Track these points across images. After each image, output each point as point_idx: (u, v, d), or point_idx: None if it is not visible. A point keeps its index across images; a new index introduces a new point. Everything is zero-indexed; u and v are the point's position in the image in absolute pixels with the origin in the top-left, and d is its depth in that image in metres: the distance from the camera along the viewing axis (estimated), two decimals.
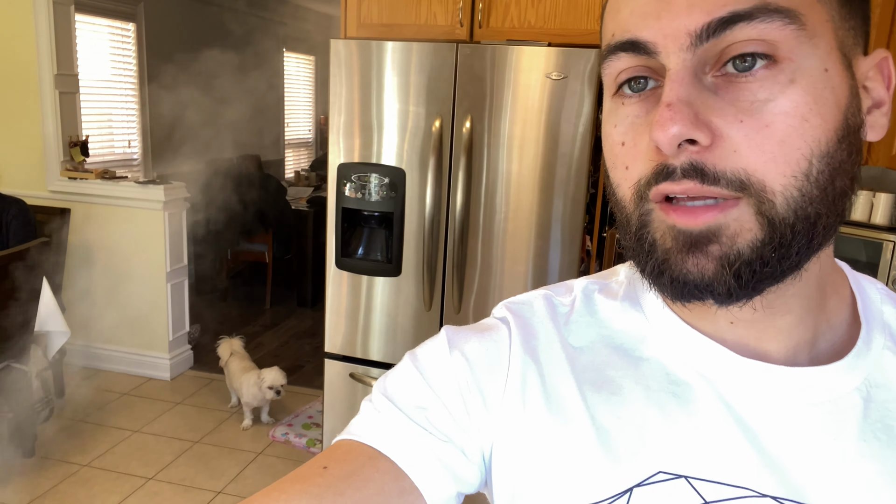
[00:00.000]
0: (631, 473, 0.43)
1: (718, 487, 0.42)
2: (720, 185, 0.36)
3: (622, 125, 0.41)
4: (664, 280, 0.39)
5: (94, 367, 3.55)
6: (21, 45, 3.30)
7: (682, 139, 0.36)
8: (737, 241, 0.37)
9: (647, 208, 0.39)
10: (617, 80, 0.41)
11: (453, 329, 0.51)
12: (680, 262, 0.38)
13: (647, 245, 0.40)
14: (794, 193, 0.36)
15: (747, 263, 0.37)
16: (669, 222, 0.38)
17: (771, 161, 0.36)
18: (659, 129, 0.36)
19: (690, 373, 0.45)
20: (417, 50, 1.99)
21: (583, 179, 1.94)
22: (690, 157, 0.37)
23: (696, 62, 0.37)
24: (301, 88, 6.71)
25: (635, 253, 0.41)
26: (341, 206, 2.13)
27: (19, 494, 2.46)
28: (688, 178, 0.37)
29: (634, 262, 0.42)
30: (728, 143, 0.36)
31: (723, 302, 0.39)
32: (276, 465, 2.76)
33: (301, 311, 4.69)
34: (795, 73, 0.36)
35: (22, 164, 3.42)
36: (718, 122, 0.36)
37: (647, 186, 0.39)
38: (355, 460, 0.45)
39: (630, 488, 0.43)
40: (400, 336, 2.18)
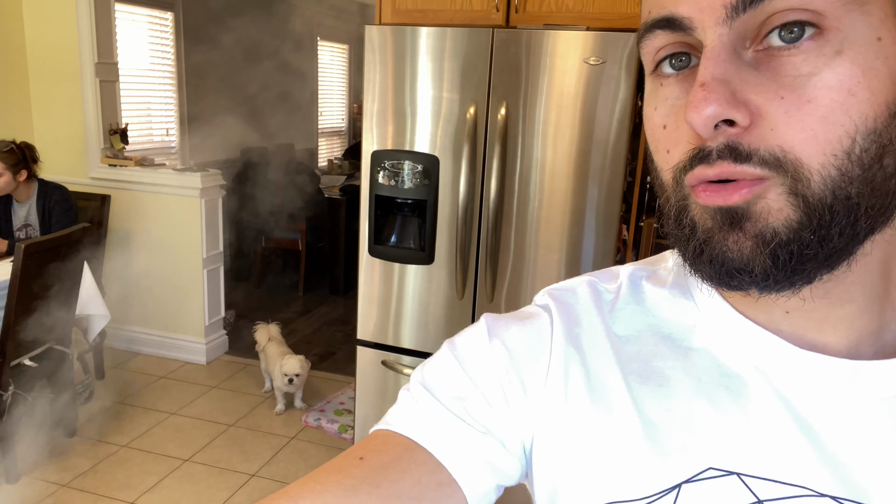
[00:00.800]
0: (679, 469, 0.41)
1: (773, 485, 0.40)
2: (752, 162, 0.34)
3: (662, 107, 0.39)
4: (703, 260, 0.38)
5: (133, 350, 3.64)
6: (63, 34, 3.37)
7: (717, 120, 0.34)
8: (770, 220, 0.35)
9: (685, 192, 0.38)
10: (655, 58, 0.39)
11: (493, 317, 0.50)
12: (721, 241, 0.36)
13: (688, 228, 0.38)
14: (833, 173, 0.34)
15: (784, 244, 0.35)
16: (704, 202, 0.37)
17: (811, 138, 0.34)
18: (693, 110, 0.34)
19: (744, 365, 0.43)
20: (452, 35, 1.96)
21: (620, 167, 1.90)
22: (728, 138, 0.35)
23: (735, 36, 0.35)
24: (335, 77, 6.73)
25: (676, 238, 0.40)
26: (374, 194, 2.12)
27: (61, 473, 2.53)
28: (722, 160, 0.35)
29: (676, 247, 0.40)
30: (767, 122, 0.34)
31: (763, 287, 0.37)
32: (309, 450, 2.80)
33: (333, 299, 4.73)
34: (843, 43, 0.33)
35: (64, 151, 3.50)
36: (758, 100, 0.34)
37: (684, 171, 0.37)
38: (392, 451, 0.44)
39: (678, 484, 0.41)
40: (432, 324, 2.18)
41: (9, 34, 3.38)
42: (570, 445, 0.45)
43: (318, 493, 0.41)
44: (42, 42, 3.44)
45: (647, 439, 0.43)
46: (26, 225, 2.85)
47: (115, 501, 2.38)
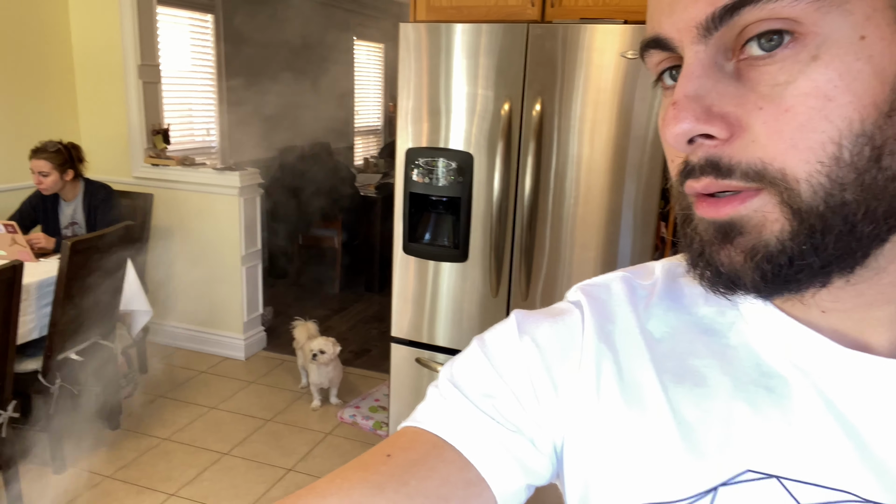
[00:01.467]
0: (716, 471, 0.40)
1: (815, 490, 0.38)
2: (734, 177, 0.35)
3: None
4: (701, 270, 0.38)
5: (175, 345, 3.72)
6: (107, 37, 3.47)
7: (688, 136, 0.35)
8: (763, 233, 0.35)
9: (688, 202, 0.38)
10: (656, 70, 0.40)
11: (523, 313, 0.49)
12: (714, 254, 0.37)
13: (689, 237, 0.39)
14: (822, 180, 0.33)
15: (773, 257, 0.35)
16: (700, 214, 0.37)
17: (791, 148, 0.33)
18: (664, 127, 0.35)
19: (785, 364, 0.41)
20: (487, 31, 1.95)
21: (658, 163, 1.86)
22: (707, 153, 0.35)
23: (714, 51, 0.35)
24: (370, 76, 6.78)
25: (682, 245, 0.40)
26: (409, 191, 2.13)
27: (106, 464, 2.61)
28: (705, 175, 0.35)
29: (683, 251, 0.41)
30: (748, 134, 0.34)
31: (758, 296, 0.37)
32: (344, 446, 2.82)
33: (369, 296, 4.76)
34: (820, 47, 0.32)
35: (109, 151, 3.61)
36: (738, 112, 0.34)
37: (680, 183, 0.38)
38: (419, 448, 0.44)
39: (715, 487, 0.39)
40: (466, 322, 2.17)
41: (56, 39, 3.49)
42: (603, 445, 0.44)
43: (345, 490, 0.41)
44: (88, 46, 3.54)
45: (682, 440, 0.41)
46: (73, 223, 2.94)
47: (157, 493, 2.44)
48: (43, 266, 2.53)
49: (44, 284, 2.41)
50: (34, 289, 2.37)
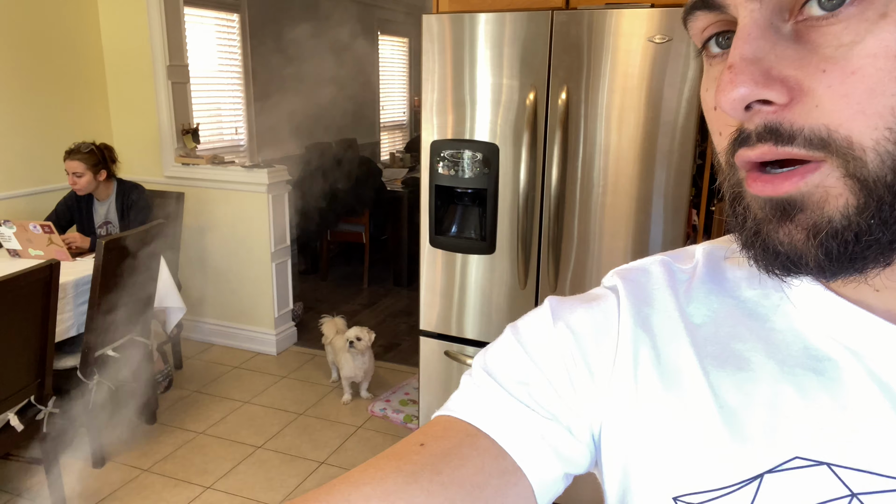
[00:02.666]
0: (761, 458, 0.38)
1: (869, 477, 0.36)
2: (796, 144, 0.32)
3: (712, 88, 0.37)
4: (756, 251, 0.36)
5: (208, 341, 3.79)
6: (136, 39, 3.53)
7: (746, 102, 0.32)
8: (826, 209, 0.32)
9: (738, 177, 0.36)
10: (702, 38, 0.38)
11: (557, 299, 0.48)
12: (772, 232, 0.35)
13: (741, 216, 0.37)
14: (890, 148, 0.31)
15: (835, 235, 0.32)
16: (755, 192, 0.35)
17: (859, 113, 0.31)
18: (720, 93, 0.32)
19: (835, 346, 0.39)
20: (511, 20, 1.93)
21: (688, 149, 1.82)
22: (765, 119, 0.33)
23: (770, 11, 0.32)
24: (395, 71, 6.78)
25: (732, 225, 0.38)
26: (435, 184, 2.12)
27: (142, 458, 2.67)
28: (762, 142, 0.33)
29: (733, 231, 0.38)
30: (810, 98, 0.32)
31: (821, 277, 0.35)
32: (375, 439, 2.84)
33: (397, 291, 4.78)
34: (888, 4, 0.30)
35: (141, 151, 3.67)
36: (798, 76, 0.32)
37: (731, 154, 0.36)
38: (453, 437, 0.43)
39: (760, 474, 0.38)
40: (495, 314, 2.16)
41: (88, 43, 3.56)
42: (642, 432, 0.43)
43: (378, 479, 0.40)
44: (118, 48, 3.61)
45: (725, 426, 0.40)
46: (107, 222, 3.00)
47: (193, 486, 2.49)
48: (79, 265, 2.59)
49: (80, 283, 2.46)
50: (71, 287, 2.43)
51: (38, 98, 3.32)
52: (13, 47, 3.17)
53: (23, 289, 2.00)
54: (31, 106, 3.30)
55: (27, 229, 2.60)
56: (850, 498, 0.36)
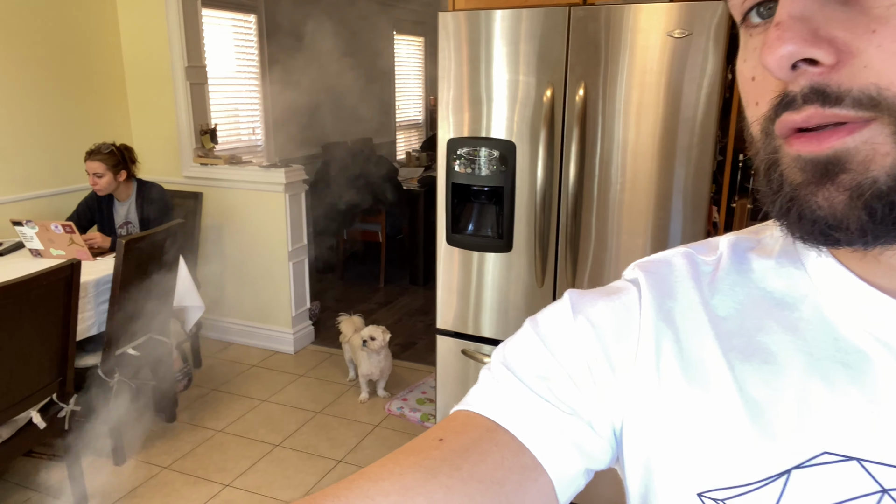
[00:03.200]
0: (789, 453, 0.37)
1: None
2: (844, 104, 0.31)
3: (751, 59, 0.36)
4: (792, 218, 0.34)
5: (226, 340, 3.81)
6: (155, 41, 3.56)
7: (794, 59, 0.31)
8: (870, 168, 0.31)
9: (774, 145, 0.35)
10: (742, 9, 0.37)
11: (577, 292, 0.48)
12: (809, 196, 0.33)
13: (776, 184, 0.35)
14: None
15: (883, 195, 0.31)
16: (794, 153, 0.33)
17: None
18: (767, 51, 0.31)
19: (866, 338, 0.38)
20: (527, 17, 1.91)
21: (709, 145, 1.79)
22: (811, 80, 0.31)
23: None
24: (411, 70, 6.78)
25: (765, 195, 0.36)
26: (451, 182, 2.11)
27: (162, 455, 2.69)
28: (808, 104, 0.32)
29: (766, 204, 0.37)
30: (858, 59, 0.31)
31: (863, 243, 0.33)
32: (392, 438, 2.84)
33: (414, 290, 4.78)
34: None
35: (160, 152, 3.71)
36: (846, 36, 0.31)
37: (770, 121, 0.34)
38: (472, 432, 0.42)
39: (788, 470, 0.37)
40: (512, 313, 2.15)
41: (107, 46, 3.60)
42: (665, 428, 0.42)
43: (397, 474, 0.40)
44: (137, 51, 3.64)
45: (751, 421, 0.39)
46: (127, 222, 3.03)
47: (213, 483, 2.51)
48: (100, 264, 2.62)
49: (101, 282, 2.49)
50: (92, 287, 2.46)
51: (59, 101, 3.37)
52: (35, 52, 3.22)
53: (45, 288, 2.03)
54: (53, 108, 3.34)
55: (49, 229, 2.63)
56: (881, 494, 0.35)
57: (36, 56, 3.22)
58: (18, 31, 3.13)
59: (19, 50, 3.14)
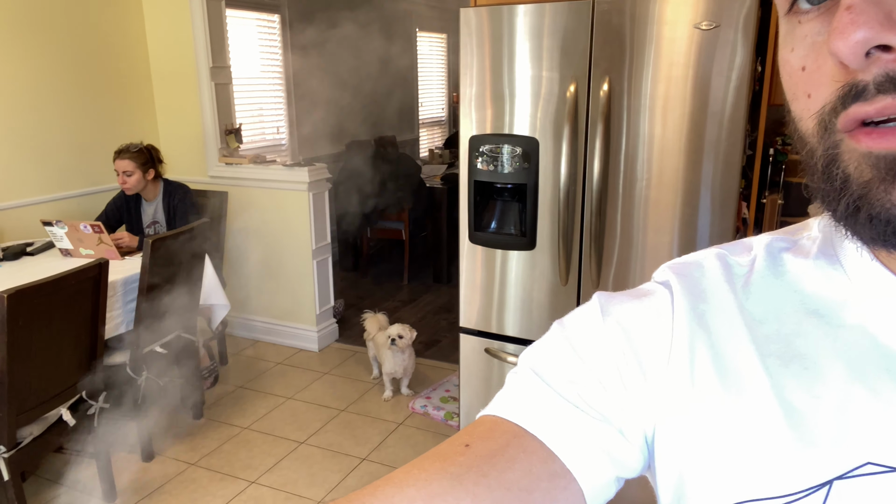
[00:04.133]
0: (830, 463, 0.35)
1: None
2: None
3: (801, 47, 0.34)
4: (860, 219, 0.32)
5: (252, 337, 3.85)
6: (181, 42, 3.60)
7: (868, 46, 0.29)
8: None
9: (835, 140, 0.32)
10: None
11: (606, 295, 0.46)
12: (882, 195, 0.30)
13: (839, 181, 0.32)
14: None
15: None
16: (863, 149, 0.31)
17: None
18: (838, 37, 0.29)
19: None
20: (550, 11, 1.89)
21: (738, 139, 1.75)
22: (886, 68, 0.29)
23: None
24: (434, 67, 6.77)
25: (825, 194, 0.34)
26: (474, 180, 2.10)
27: (190, 452, 2.72)
28: (884, 93, 0.29)
29: (824, 205, 0.34)
30: None
31: None
32: (416, 436, 2.83)
33: (437, 287, 4.77)
34: None
35: (186, 151, 3.75)
36: None
37: (833, 113, 0.32)
38: (499, 438, 0.41)
39: (829, 481, 0.35)
40: (535, 311, 2.12)
41: (134, 48, 3.65)
42: (699, 435, 0.40)
43: (422, 481, 0.39)
44: (163, 52, 3.69)
45: (790, 429, 0.37)
46: (154, 222, 3.07)
47: (239, 480, 2.53)
48: (128, 264, 2.66)
49: (129, 281, 2.53)
50: (120, 285, 2.49)
51: (88, 103, 3.42)
52: (64, 56, 3.27)
53: (74, 287, 2.06)
54: (82, 111, 3.40)
55: (78, 229, 2.68)
56: None
57: (65, 60, 3.28)
58: (48, 36, 3.19)
59: (49, 54, 3.20)
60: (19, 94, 3.10)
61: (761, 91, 1.86)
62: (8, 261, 2.69)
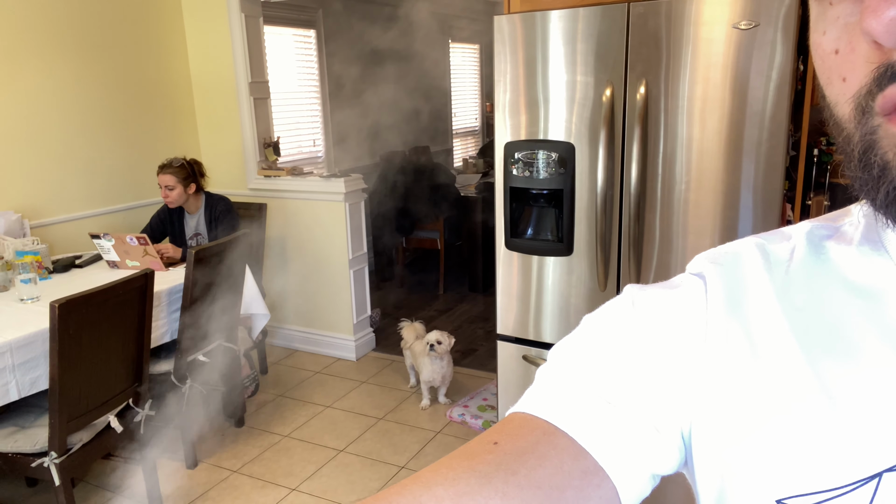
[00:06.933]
0: (879, 455, 0.34)
1: None
2: None
3: (833, 29, 0.33)
4: None
5: (291, 347, 3.90)
6: (221, 58, 3.70)
7: None
8: None
9: (873, 125, 0.31)
10: None
11: (638, 287, 0.45)
12: None
13: (878, 169, 0.31)
14: None
15: None
16: None
17: None
18: (870, 15, 0.28)
19: None
20: (584, 15, 1.88)
21: (780, 140, 1.71)
22: None
23: None
24: (467, 78, 6.80)
25: (863, 182, 0.32)
26: (509, 186, 2.09)
27: (231, 460, 2.77)
28: None
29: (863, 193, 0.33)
30: None
31: None
32: (454, 445, 2.82)
33: (473, 296, 4.76)
34: None
35: (226, 165, 3.84)
36: None
37: (870, 96, 0.30)
38: (529, 435, 0.40)
39: (879, 473, 0.34)
40: (573, 317, 2.10)
41: (177, 66, 3.77)
42: (739, 429, 0.39)
43: (451, 479, 0.38)
44: (204, 69, 3.79)
45: (836, 420, 0.36)
46: (197, 234, 3.15)
47: (280, 488, 2.56)
48: (171, 274, 2.73)
49: (173, 291, 2.59)
50: (164, 295, 2.56)
51: (133, 120, 3.54)
52: (110, 74, 3.39)
53: (121, 297, 2.12)
54: (128, 128, 3.52)
55: (124, 242, 2.76)
56: None
57: (111, 79, 3.40)
58: (95, 56, 3.31)
59: (96, 73, 3.32)
60: (67, 113, 3.22)
61: (804, 90, 1.82)
62: (58, 273, 2.78)
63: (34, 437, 2.05)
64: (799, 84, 1.76)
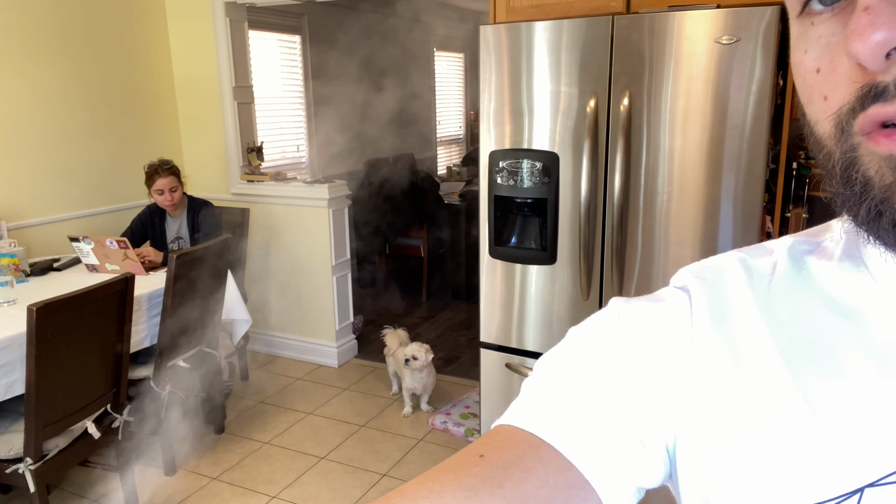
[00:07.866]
0: (861, 470, 0.35)
1: None
2: None
3: (814, 48, 0.33)
4: (883, 224, 0.31)
5: (273, 353, 3.87)
6: (205, 62, 3.68)
7: (889, 47, 0.28)
8: None
9: (853, 143, 0.31)
10: None
11: (623, 300, 0.46)
12: None
13: (860, 185, 0.31)
14: None
15: None
16: (884, 152, 0.30)
17: None
18: (857, 38, 0.29)
19: None
20: (569, 27, 1.91)
21: (760, 152, 1.74)
22: None
23: None
24: (451, 86, 6.83)
25: (844, 199, 0.33)
26: (493, 195, 2.11)
27: (211, 467, 2.74)
28: None
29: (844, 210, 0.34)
30: None
31: None
32: (437, 452, 2.82)
33: (456, 304, 4.77)
34: None
35: (209, 169, 3.82)
36: None
37: (851, 114, 0.31)
38: (514, 448, 0.40)
39: (860, 488, 0.34)
40: (556, 325, 2.12)
41: (160, 69, 3.74)
42: (723, 443, 0.39)
43: (436, 493, 0.38)
44: (187, 73, 3.77)
45: (818, 434, 0.36)
46: (178, 238, 3.12)
47: (260, 495, 2.53)
48: (152, 279, 2.70)
49: (153, 296, 2.56)
50: (145, 300, 2.53)
51: (114, 122, 3.50)
52: (91, 75, 3.36)
53: (100, 301, 2.09)
54: (109, 130, 3.48)
55: (104, 245, 2.73)
56: None
57: (92, 80, 3.37)
58: (76, 56, 3.28)
59: (76, 74, 3.29)
60: (47, 115, 3.18)
61: (783, 105, 1.86)
62: (35, 276, 2.74)
63: (9, 443, 2.01)
64: (779, 98, 1.80)
